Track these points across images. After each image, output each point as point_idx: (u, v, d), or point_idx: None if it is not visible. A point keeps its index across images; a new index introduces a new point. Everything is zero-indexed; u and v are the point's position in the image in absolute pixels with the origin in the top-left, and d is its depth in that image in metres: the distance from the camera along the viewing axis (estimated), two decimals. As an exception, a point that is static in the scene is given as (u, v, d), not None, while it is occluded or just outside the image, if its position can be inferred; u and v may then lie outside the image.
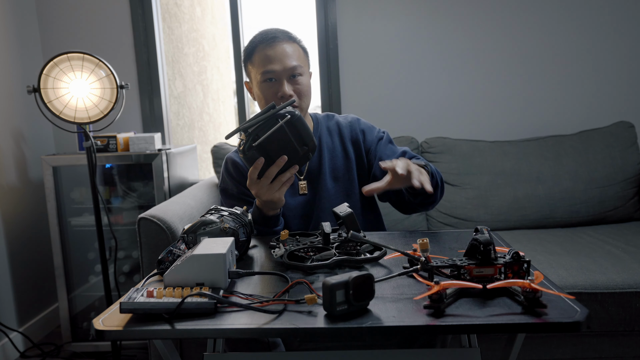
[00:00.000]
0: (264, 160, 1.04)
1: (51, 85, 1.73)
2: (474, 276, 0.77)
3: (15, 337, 2.13)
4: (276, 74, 1.26)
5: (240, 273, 0.86)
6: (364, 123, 1.40)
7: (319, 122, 1.40)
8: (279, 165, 1.05)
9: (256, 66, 1.28)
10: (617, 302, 1.49)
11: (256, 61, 1.28)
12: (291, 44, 1.29)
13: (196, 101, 4.38)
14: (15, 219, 2.22)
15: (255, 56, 1.29)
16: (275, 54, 1.26)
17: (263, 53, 1.26)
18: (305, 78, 1.30)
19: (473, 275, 0.77)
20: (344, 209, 1.00)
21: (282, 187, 1.09)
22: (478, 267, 0.77)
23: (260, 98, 1.30)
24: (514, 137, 2.36)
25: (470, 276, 0.77)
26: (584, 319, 0.65)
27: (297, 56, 1.28)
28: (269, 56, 1.26)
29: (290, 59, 1.26)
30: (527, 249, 1.76)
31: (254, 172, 1.06)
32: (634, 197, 2.12)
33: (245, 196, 1.33)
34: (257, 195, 1.10)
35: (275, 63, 1.25)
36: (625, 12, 2.32)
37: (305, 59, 1.32)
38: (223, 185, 1.36)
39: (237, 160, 1.36)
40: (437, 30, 2.38)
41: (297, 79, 1.27)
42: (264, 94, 1.28)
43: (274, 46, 1.26)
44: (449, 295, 0.73)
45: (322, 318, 0.69)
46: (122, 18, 2.45)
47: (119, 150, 2.09)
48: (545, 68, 2.37)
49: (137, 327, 0.69)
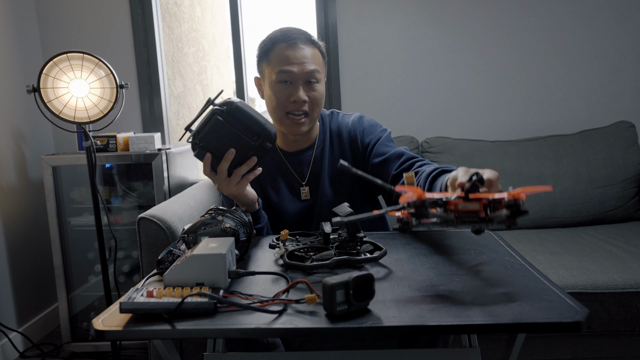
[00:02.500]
0: (211, 157, 1.05)
1: (51, 85, 1.73)
2: (459, 211, 0.73)
3: (15, 337, 2.13)
4: (293, 76, 1.20)
5: (240, 273, 0.86)
6: (367, 121, 1.34)
7: (325, 123, 1.36)
8: (228, 159, 1.05)
9: (272, 64, 1.22)
10: (618, 302, 1.49)
11: (273, 59, 1.22)
12: (312, 47, 1.23)
13: (196, 101, 4.38)
14: (15, 218, 2.22)
15: (272, 54, 1.23)
16: (294, 55, 1.20)
17: (282, 52, 1.21)
18: (321, 85, 1.25)
19: (459, 209, 0.73)
20: (344, 209, 1.00)
21: (242, 181, 1.08)
22: (464, 201, 0.73)
23: (271, 99, 1.25)
24: (514, 137, 2.36)
25: (456, 211, 0.73)
26: (585, 319, 0.65)
27: (317, 61, 1.23)
28: (288, 56, 1.20)
29: (310, 63, 1.21)
30: (527, 249, 1.76)
31: (205, 169, 1.07)
32: (634, 197, 2.12)
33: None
34: (219, 190, 1.11)
35: (294, 65, 1.20)
36: (625, 12, 2.32)
37: (323, 64, 1.26)
38: None
39: None
40: (438, 30, 2.38)
41: (313, 85, 1.22)
42: (276, 95, 1.23)
43: (294, 47, 1.21)
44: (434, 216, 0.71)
45: (322, 318, 0.69)
46: (122, 18, 2.45)
47: (118, 150, 2.08)
48: (545, 68, 2.37)
49: (137, 327, 0.69)
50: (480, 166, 2.14)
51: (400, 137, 2.19)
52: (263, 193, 1.32)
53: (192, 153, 1.08)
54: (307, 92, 1.22)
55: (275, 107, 1.24)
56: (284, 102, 1.22)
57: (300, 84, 1.21)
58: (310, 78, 1.22)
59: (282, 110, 1.23)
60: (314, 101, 1.23)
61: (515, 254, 0.94)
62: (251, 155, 1.06)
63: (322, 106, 1.27)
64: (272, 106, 1.25)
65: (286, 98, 1.22)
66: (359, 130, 1.32)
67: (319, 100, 1.24)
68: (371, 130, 1.32)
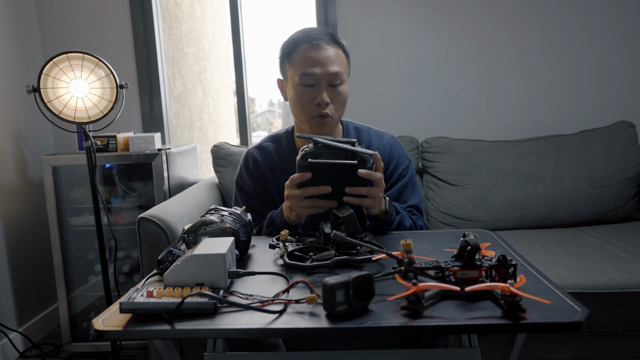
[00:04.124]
0: (310, 177, 1.02)
1: (51, 85, 1.73)
2: (458, 278, 0.76)
3: (15, 337, 2.13)
4: (316, 78, 1.19)
5: (240, 273, 0.86)
6: (397, 151, 1.34)
7: (349, 132, 1.35)
8: (320, 191, 1.02)
9: (295, 66, 1.21)
10: (618, 302, 1.49)
11: (296, 61, 1.21)
12: (335, 47, 1.22)
13: (196, 101, 4.38)
14: (15, 219, 2.22)
15: (295, 55, 1.21)
16: (318, 56, 1.19)
17: (305, 54, 1.19)
18: (345, 87, 1.23)
19: (457, 277, 0.76)
20: (343, 209, 1.00)
21: (309, 209, 1.05)
22: (462, 269, 0.76)
23: (294, 101, 1.23)
24: (514, 137, 2.36)
25: (454, 278, 0.76)
26: (585, 319, 0.65)
27: (340, 62, 1.22)
28: (312, 58, 1.19)
29: (334, 64, 1.19)
30: (527, 249, 1.76)
31: (297, 179, 1.03)
32: (634, 197, 2.12)
33: (260, 197, 1.31)
34: (286, 198, 1.07)
35: (317, 66, 1.18)
36: (625, 12, 2.32)
37: (347, 65, 1.25)
38: (239, 181, 1.35)
39: (258, 158, 1.33)
40: (437, 30, 2.38)
41: (337, 88, 1.21)
42: (299, 98, 1.21)
43: (317, 48, 1.19)
44: (430, 297, 0.72)
45: (322, 318, 0.69)
46: (122, 18, 2.45)
47: (118, 150, 2.08)
48: (545, 68, 2.37)
49: (137, 327, 0.69)
50: (480, 166, 2.14)
51: (400, 137, 2.18)
52: (279, 191, 1.31)
53: (299, 153, 1.04)
54: (330, 94, 1.21)
55: (299, 109, 1.23)
56: (307, 105, 1.21)
57: (323, 86, 1.20)
58: (334, 80, 1.20)
59: (305, 112, 1.23)
60: (338, 103, 1.23)
61: (515, 254, 0.94)
62: (334, 200, 1.04)
63: (345, 107, 1.26)
64: (296, 108, 1.24)
65: (310, 101, 1.21)
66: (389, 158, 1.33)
67: (343, 101, 1.24)
68: (400, 162, 1.34)
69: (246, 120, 2.56)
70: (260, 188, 1.32)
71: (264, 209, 1.29)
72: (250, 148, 1.38)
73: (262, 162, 1.33)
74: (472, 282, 0.75)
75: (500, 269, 0.75)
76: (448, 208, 2.12)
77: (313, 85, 1.20)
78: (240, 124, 2.56)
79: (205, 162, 4.28)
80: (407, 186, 1.33)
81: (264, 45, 9.07)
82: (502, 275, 0.75)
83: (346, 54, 1.26)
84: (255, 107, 8.16)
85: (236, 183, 1.35)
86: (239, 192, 1.34)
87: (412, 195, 1.33)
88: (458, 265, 0.77)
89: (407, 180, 1.33)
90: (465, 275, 0.76)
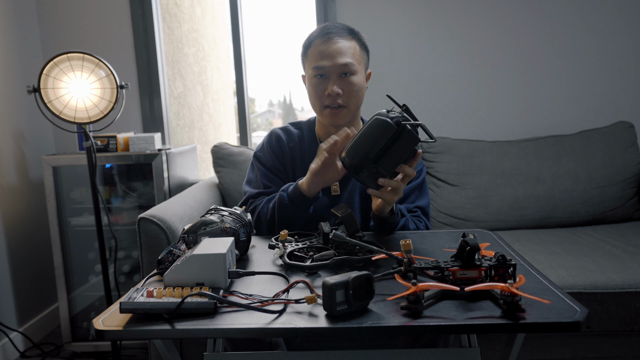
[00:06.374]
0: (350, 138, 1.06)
1: (51, 85, 1.73)
2: (457, 278, 0.76)
3: (15, 337, 2.13)
4: (326, 71, 1.24)
5: (240, 273, 0.86)
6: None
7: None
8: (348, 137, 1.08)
9: (309, 61, 1.28)
10: (617, 302, 1.49)
11: (310, 56, 1.28)
12: (349, 39, 1.26)
13: (196, 101, 4.38)
14: (15, 219, 2.22)
15: (309, 51, 1.28)
16: (327, 50, 1.24)
17: (317, 48, 1.26)
18: (358, 77, 1.26)
19: (457, 277, 0.76)
20: (343, 208, 1.00)
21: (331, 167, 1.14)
22: (462, 269, 0.76)
23: (310, 93, 1.31)
24: (514, 137, 2.36)
25: (454, 278, 0.76)
26: (584, 318, 0.65)
27: (352, 53, 1.25)
28: (322, 52, 1.25)
29: (343, 56, 1.24)
30: (527, 249, 1.76)
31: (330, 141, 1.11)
32: (633, 197, 2.12)
33: (276, 170, 1.36)
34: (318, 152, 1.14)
35: (326, 59, 1.24)
36: (625, 12, 2.32)
37: (361, 56, 1.28)
38: (260, 153, 1.39)
39: (282, 137, 1.38)
40: (437, 30, 2.38)
41: (348, 77, 1.25)
42: (313, 90, 1.28)
43: (328, 42, 1.25)
44: (430, 297, 0.73)
45: (322, 318, 0.69)
46: (122, 18, 2.45)
47: (119, 150, 2.09)
48: (545, 68, 2.37)
49: (137, 327, 0.69)
50: (480, 166, 2.14)
51: (400, 137, 2.19)
52: (295, 172, 1.37)
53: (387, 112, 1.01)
54: (341, 85, 1.25)
55: (313, 101, 1.30)
56: (320, 96, 1.27)
57: (333, 77, 1.25)
58: (344, 71, 1.24)
59: (319, 103, 1.29)
60: (349, 93, 1.26)
61: (515, 253, 0.95)
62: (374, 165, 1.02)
63: (359, 98, 1.29)
64: (311, 100, 1.31)
65: (321, 92, 1.26)
66: None
67: (355, 91, 1.27)
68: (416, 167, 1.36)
69: (246, 121, 2.57)
70: (278, 163, 1.38)
71: (277, 180, 1.35)
72: (274, 128, 1.44)
73: (285, 141, 1.39)
74: (471, 282, 0.75)
75: (499, 269, 0.75)
76: (448, 208, 2.12)
77: (324, 77, 1.26)
78: (240, 124, 2.56)
79: (205, 162, 4.28)
80: (417, 188, 1.36)
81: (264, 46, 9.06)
82: (501, 275, 0.75)
83: (363, 46, 1.30)
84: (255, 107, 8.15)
85: (255, 155, 1.40)
86: (256, 162, 1.39)
87: (420, 196, 1.36)
88: (457, 265, 0.77)
89: (419, 182, 1.37)
90: (465, 275, 0.76)
